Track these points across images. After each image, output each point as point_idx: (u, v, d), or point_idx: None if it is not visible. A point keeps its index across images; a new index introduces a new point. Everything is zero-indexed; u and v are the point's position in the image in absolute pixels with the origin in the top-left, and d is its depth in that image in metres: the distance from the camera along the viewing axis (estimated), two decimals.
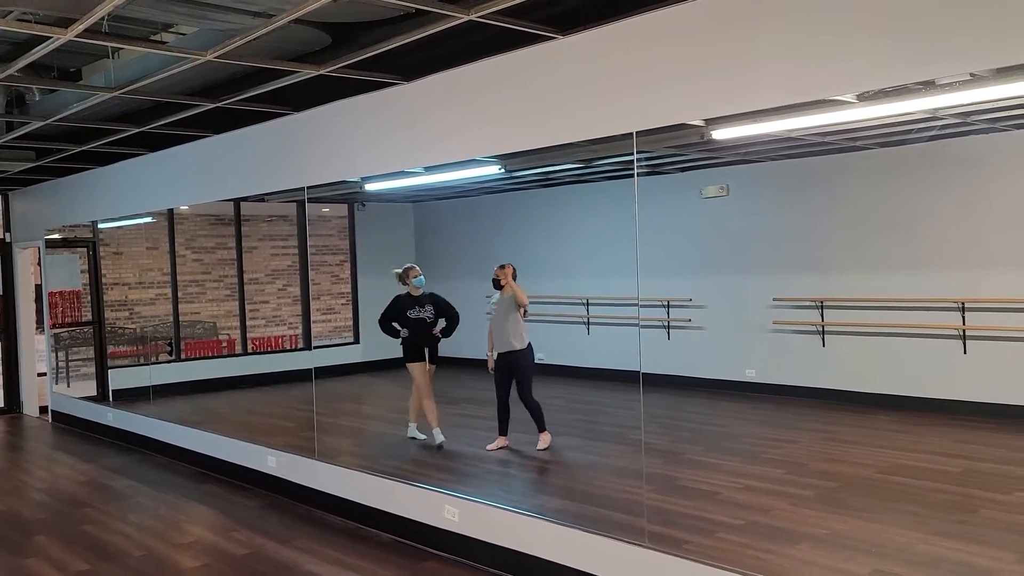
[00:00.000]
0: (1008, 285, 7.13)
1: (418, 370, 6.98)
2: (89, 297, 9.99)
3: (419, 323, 6.93)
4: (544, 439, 6.67)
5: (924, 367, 7.66)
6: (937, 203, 7.56)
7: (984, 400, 7.20)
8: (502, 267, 6.79)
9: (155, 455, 7.85)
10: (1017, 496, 5.14)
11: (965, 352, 7.42)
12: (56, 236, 10.21)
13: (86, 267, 9.92)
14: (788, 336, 8.52)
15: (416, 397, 7.07)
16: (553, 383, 9.67)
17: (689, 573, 3.73)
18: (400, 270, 7.09)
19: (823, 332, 8.33)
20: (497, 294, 6.78)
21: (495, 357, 6.74)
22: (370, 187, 8.03)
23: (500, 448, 6.67)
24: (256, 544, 5.20)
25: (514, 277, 6.79)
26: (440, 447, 6.80)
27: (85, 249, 9.89)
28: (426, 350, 6.98)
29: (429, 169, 5.92)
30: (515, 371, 6.69)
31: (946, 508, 5.01)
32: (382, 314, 7.09)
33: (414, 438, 7.08)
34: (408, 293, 7.00)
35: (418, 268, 7.03)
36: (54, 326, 10.23)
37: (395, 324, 7.00)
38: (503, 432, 6.76)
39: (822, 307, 8.30)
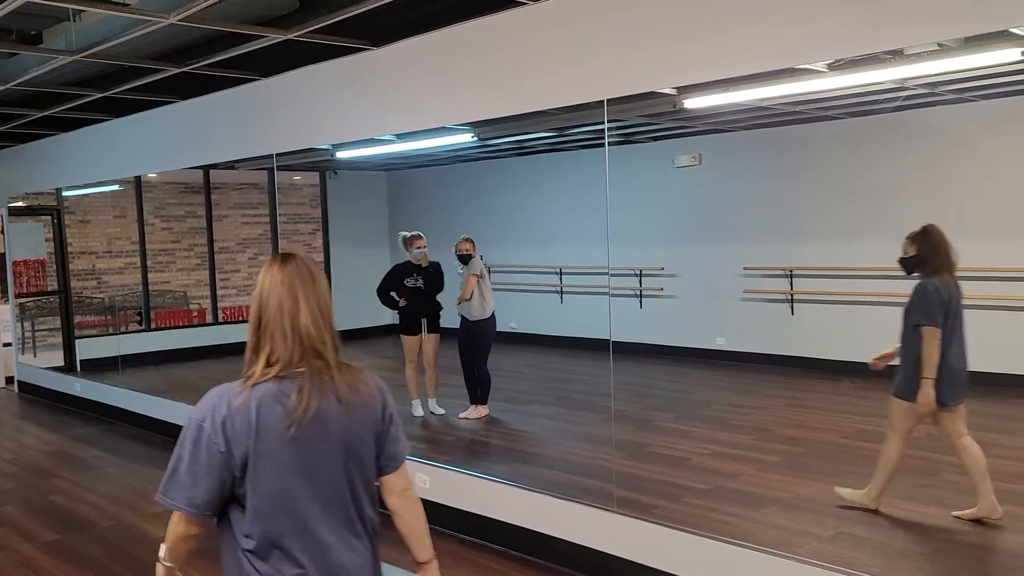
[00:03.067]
0: (972, 254, 7.21)
1: (410, 342, 6.85)
2: (55, 266, 9.83)
3: (414, 292, 6.77)
4: (479, 411, 6.69)
5: (890, 335, 7.76)
6: (905, 172, 7.63)
7: None
8: (470, 240, 6.76)
9: (124, 425, 7.79)
10: None
11: None
12: (20, 204, 10.00)
13: (51, 235, 9.75)
14: (758, 304, 8.62)
15: (410, 371, 6.90)
16: (526, 351, 9.72)
17: (657, 537, 3.80)
18: (408, 235, 6.83)
19: (792, 300, 8.43)
20: (466, 265, 6.75)
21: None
22: (341, 155, 7.93)
23: (477, 417, 6.70)
24: None
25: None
26: (426, 415, 6.80)
27: (50, 217, 9.71)
28: (423, 321, 6.84)
29: (401, 137, 5.87)
30: (474, 340, 6.70)
31: (908, 472, 5.11)
32: (381, 282, 6.89)
33: (423, 416, 6.85)
34: (408, 261, 6.80)
35: (424, 240, 6.76)
36: (19, 295, 10.07)
37: (393, 294, 6.80)
38: (475, 400, 6.79)
39: (791, 276, 8.39)
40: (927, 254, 4.21)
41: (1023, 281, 7.04)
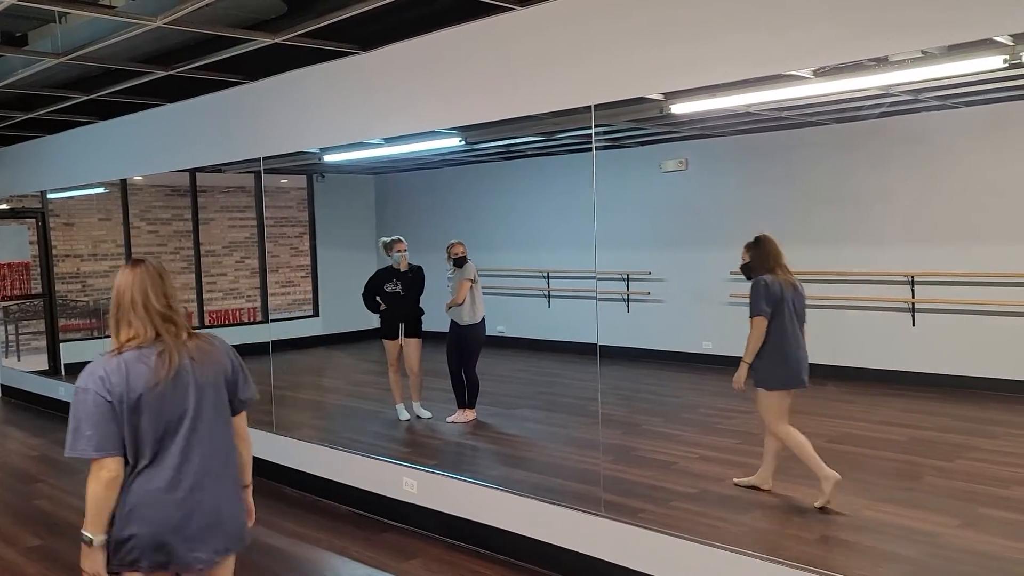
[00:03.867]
0: (956, 259, 7.32)
1: (389, 347, 6.89)
2: (39, 269, 9.76)
3: (393, 297, 6.79)
4: (466, 415, 6.71)
5: (874, 339, 7.85)
6: (889, 178, 7.70)
7: (930, 371, 7.41)
8: (462, 244, 6.78)
9: None
10: (959, 463, 5.31)
11: (914, 324, 7.61)
12: (4, 206, 9.93)
13: (35, 238, 9.68)
14: (744, 309, 8.61)
15: (392, 374, 6.94)
16: (514, 355, 9.73)
17: (644, 541, 3.81)
18: (388, 240, 6.86)
19: None
20: (458, 269, 6.75)
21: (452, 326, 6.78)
22: (329, 158, 7.94)
23: (465, 421, 6.70)
24: None
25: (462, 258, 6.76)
26: (413, 418, 6.81)
27: (34, 220, 9.64)
28: (401, 326, 6.85)
29: (388, 140, 5.87)
30: (465, 344, 6.71)
31: (892, 475, 5.16)
32: (364, 287, 6.93)
33: (409, 419, 6.86)
34: (390, 266, 6.83)
35: (404, 243, 6.77)
36: (3, 299, 9.99)
37: (378, 298, 6.83)
38: (462, 404, 6.79)
39: None
40: (758, 260, 4.76)
41: (1006, 286, 7.11)
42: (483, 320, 6.76)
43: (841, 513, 4.42)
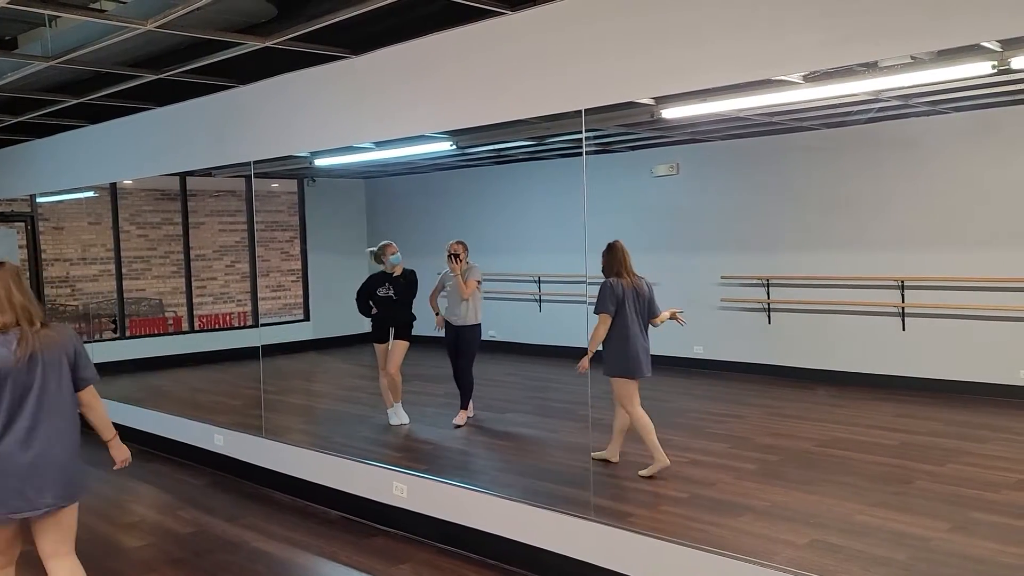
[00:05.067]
0: (946, 263, 7.35)
1: (380, 351, 6.90)
2: (28, 273, 9.71)
3: (385, 302, 6.80)
4: (462, 416, 6.73)
5: (865, 343, 7.88)
6: (879, 183, 7.74)
7: (920, 375, 7.44)
8: (462, 243, 6.78)
9: (96, 434, 7.68)
10: (950, 468, 5.33)
11: (904, 329, 7.65)
12: None
13: (25, 242, 9.63)
14: (735, 313, 8.68)
15: (382, 379, 6.93)
16: (505, 359, 9.71)
17: (634, 545, 3.80)
18: (376, 248, 6.87)
19: (769, 309, 8.50)
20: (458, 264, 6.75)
21: (445, 326, 6.80)
22: (320, 162, 7.92)
23: (460, 424, 6.69)
24: (202, 522, 5.15)
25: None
26: (398, 425, 6.80)
27: (23, 224, 9.59)
28: (391, 330, 6.84)
29: (379, 144, 5.87)
30: (460, 345, 6.72)
31: (883, 480, 5.17)
32: (358, 291, 6.93)
33: (402, 424, 6.85)
34: (382, 271, 6.84)
35: (395, 246, 6.78)
36: None
37: (371, 302, 6.83)
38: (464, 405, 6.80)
39: (768, 285, 8.46)
40: (607, 263, 5.27)
41: (995, 291, 7.14)
42: (479, 324, 6.77)
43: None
